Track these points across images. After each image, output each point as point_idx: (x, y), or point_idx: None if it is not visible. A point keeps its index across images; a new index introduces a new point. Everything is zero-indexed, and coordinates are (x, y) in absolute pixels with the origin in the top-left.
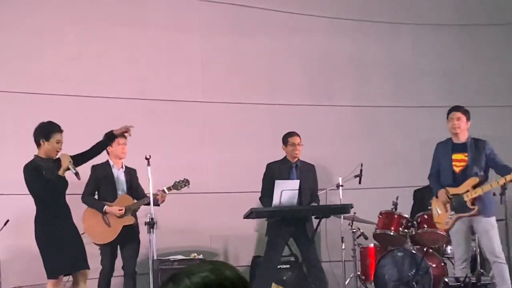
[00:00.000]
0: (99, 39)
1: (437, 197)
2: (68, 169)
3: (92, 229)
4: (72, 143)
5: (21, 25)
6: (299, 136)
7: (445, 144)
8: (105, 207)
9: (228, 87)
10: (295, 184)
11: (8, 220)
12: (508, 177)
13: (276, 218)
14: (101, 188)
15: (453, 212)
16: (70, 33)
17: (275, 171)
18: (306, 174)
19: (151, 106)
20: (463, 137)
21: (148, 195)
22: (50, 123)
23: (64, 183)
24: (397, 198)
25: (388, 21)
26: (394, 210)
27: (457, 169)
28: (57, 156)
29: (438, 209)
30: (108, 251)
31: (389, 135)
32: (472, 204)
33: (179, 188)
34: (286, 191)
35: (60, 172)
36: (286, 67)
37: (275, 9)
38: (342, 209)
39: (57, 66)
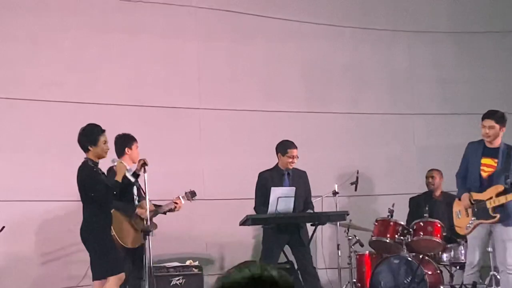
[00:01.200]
0: (95, 46)
1: (459, 199)
2: (125, 176)
3: (123, 233)
4: (67, 150)
5: (16, 32)
6: (297, 148)
7: (477, 145)
8: (137, 209)
9: (225, 94)
10: (291, 190)
11: (3, 227)
12: None
13: (272, 225)
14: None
15: (474, 218)
16: (65, 39)
17: (268, 180)
18: (299, 181)
19: (147, 112)
20: (496, 142)
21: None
22: (91, 127)
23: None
24: (393, 205)
25: (384, 29)
26: (390, 217)
27: (484, 174)
28: (106, 156)
29: (459, 213)
30: (129, 257)
31: (385, 142)
32: (494, 211)
33: (190, 199)
34: (282, 198)
35: (118, 178)
36: (283, 74)
37: (271, 16)
38: (338, 216)
39: (53, 73)
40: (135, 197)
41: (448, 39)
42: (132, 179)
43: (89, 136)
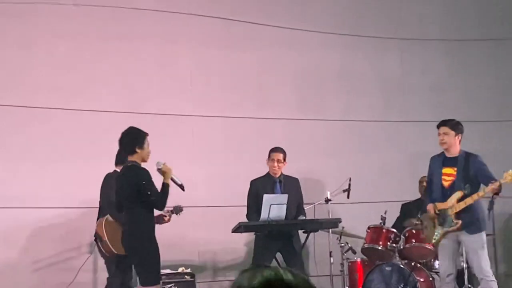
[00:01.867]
0: (89, 52)
1: (425, 212)
2: (173, 179)
3: (116, 239)
4: (61, 156)
5: (11, 37)
6: (282, 153)
7: (437, 157)
8: None
9: (218, 101)
10: (283, 198)
11: None
12: (487, 189)
13: (264, 232)
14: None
15: (439, 227)
16: (60, 46)
17: (259, 188)
18: (291, 188)
19: (140, 119)
20: (454, 151)
21: None
22: (137, 130)
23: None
24: (385, 213)
25: (377, 36)
26: (382, 224)
27: (446, 184)
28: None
29: (427, 224)
30: (121, 265)
31: (377, 150)
32: (457, 218)
33: (177, 213)
34: (275, 205)
35: (167, 181)
36: (275, 81)
37: (264, 23)
38: (330, 224)
39: (47, 79)
40: None
41: (440, 47)
42: (179, 182)
43: (137, 138)
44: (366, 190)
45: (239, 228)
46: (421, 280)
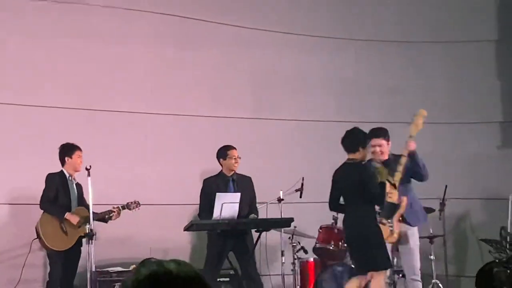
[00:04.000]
0: (40, 49)
1: None
2: (388, 180)
3: (50, 235)
4: (10, 153)
5: None
6: (236, 149)
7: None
8: (66, 213)
9: (172, 99)
10: (236, 197)
11: None
12: (404, 151)
13: (216, 231)
14: (57, 197)
15: (389, 221)
16: (12, 43)
17: (212, 186)
18: (243, 186)
19: (93, 116)
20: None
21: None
22: (361, 132)
23: None
24: (337, 213)
25: (331, 37)
26: (334, 224)
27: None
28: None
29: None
30: (59, 260)
31: (331, 150)
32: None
33: (131, 209)
34: (227, 204)
35: (382, 179)
36: (230, 80)
37: (220, 22)
38: (283, 223)
39: None
40: (73, 202)
41: (394, 48)
42: (392, 181)
43: (362, 139)
44: (318, 190)
45: (191, 227)
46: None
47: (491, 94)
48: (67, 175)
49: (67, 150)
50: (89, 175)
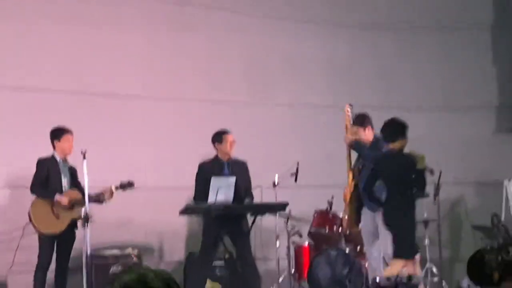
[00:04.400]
0: (37, 33)
1: None
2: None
3: (41, 218)
4: (7, 136)
5: None
6: (231, 133)
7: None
8: (56, 195)
9: (167, 84)
10: (231, 181)
11: None
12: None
13: (211, 214)
14: (48, 181)
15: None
16: (8, 28)
17: (207, 170)
18: (239, 171)
19: (89, 100)
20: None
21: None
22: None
23: None
24: (332, 197)
25: (326, 21)
26: (329, 209)
27: None
28: None
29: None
30: (48, 243)
31: (325, 134)
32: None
33: (125, 188)
34: (222, 188)
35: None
36: (226, 65)
37: (215, 6)
38: (278, 207)
39: None
40: (64, 185)
41: (389, 33)
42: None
43: (398, 129)
44: (313, 174)
45: (186, 210)
46: (366, 265)
47: (486, 79)
48: (58, 158)
49: (56, 134)
50: (84, 158)
